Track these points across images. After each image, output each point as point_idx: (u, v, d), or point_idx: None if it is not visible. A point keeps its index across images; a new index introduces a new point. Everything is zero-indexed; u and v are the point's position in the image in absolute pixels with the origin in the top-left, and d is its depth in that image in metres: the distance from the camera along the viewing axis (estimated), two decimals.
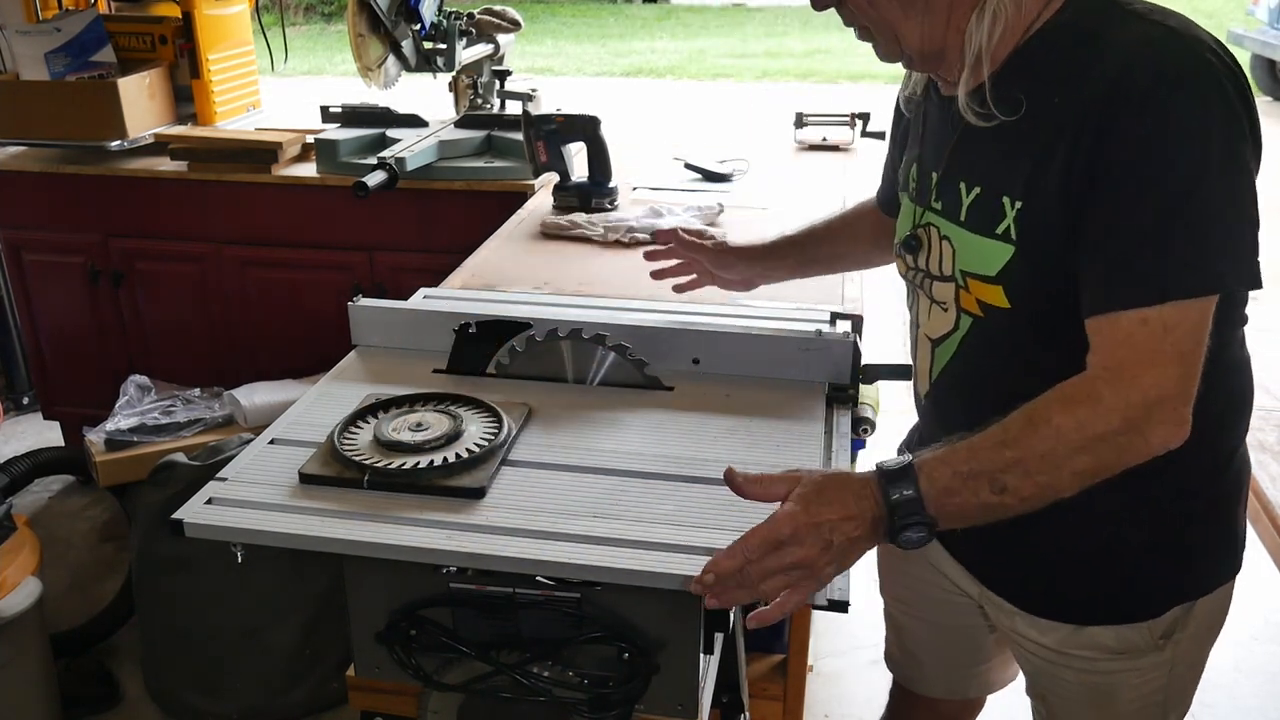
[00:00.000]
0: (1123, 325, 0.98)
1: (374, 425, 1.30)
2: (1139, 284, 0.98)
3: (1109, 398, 0.98)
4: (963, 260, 1.14)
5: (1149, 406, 0.97)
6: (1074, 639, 1.24)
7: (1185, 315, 0.97)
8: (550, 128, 2.35)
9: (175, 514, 1.16)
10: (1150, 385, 0.97)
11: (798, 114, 3.06)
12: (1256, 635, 2.57)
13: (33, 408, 3.65)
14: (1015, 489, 0.99)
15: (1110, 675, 1.25)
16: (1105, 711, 1.29)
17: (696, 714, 1.20)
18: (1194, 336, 0.97)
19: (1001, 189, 1.08)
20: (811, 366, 1.48)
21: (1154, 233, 0.97)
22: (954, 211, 1.15)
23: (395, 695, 1.29)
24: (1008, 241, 1.08)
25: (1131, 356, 0.98)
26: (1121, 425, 0.97)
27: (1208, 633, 1.28)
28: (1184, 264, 0.97)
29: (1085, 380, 1.00)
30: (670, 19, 14.95)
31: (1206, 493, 1.21)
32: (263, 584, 2.19)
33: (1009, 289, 1.09)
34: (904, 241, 1.25)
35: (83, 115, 2.89)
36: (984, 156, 1.11)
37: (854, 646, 2.55)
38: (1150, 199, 0.97)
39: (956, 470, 1.00)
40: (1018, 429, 1.00)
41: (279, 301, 2.97)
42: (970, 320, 1.17)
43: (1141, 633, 1.22)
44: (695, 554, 1.09)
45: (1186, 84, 0.96)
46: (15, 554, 2.10)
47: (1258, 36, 8.71)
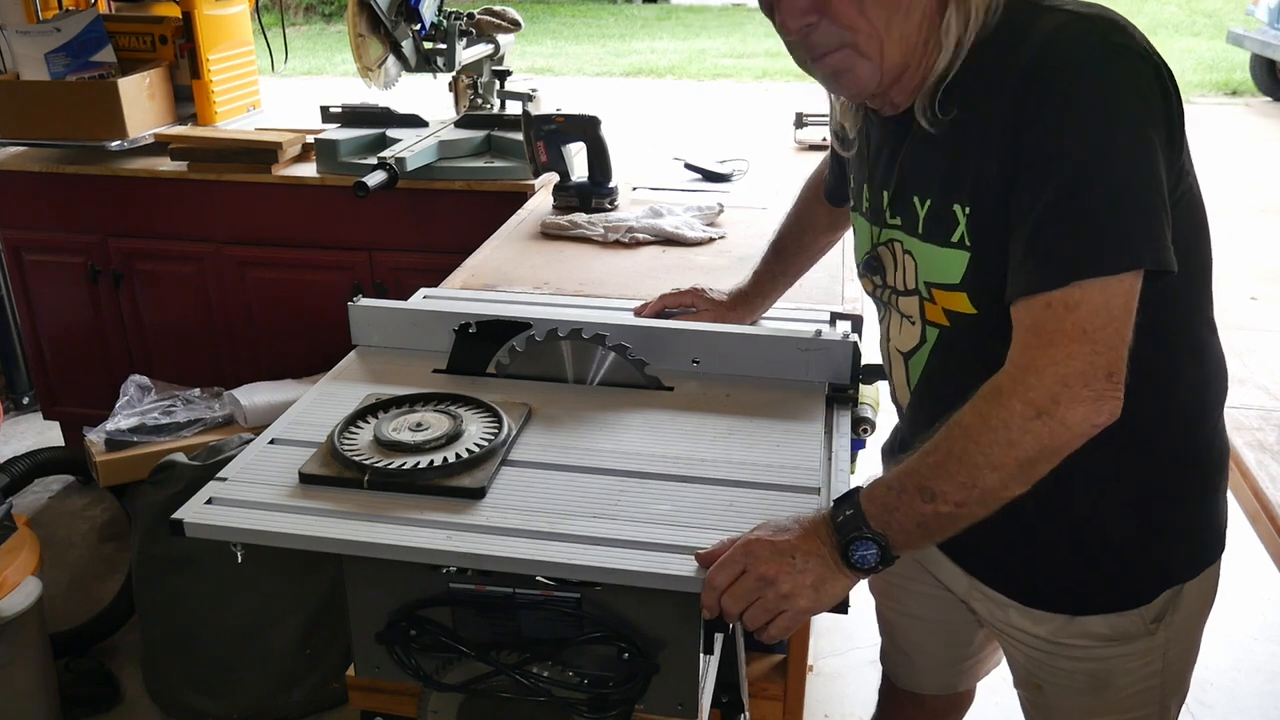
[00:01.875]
0: (1031, 311, 0.99)
1: (374, 425, 1.30)
2: (1040, 268, 0.99)
3: (1008, 387, 0.99)
4: (925, 272, 1.15)
5: (1053, 389, 0.97)
6: (1068, 629, 1.25)
7: (1087, 295, 0.96)
8: (550, 128, 2.35)
9: (175, 514, 1.16)
10: (1051, 368, 0.97)
11: (798, 114, 3.06)
12: (1256, 635, 2.57)
13: (33, 408, 3.66)
14: (943, 494, 1.00)
15: (1106, 661, 1.26)
16: (1104, 696, 1.30)
17: (696, 714, 1.20)
18: (1103, 315, 0.96)
19: (951, 197, 1.09)
20: (811, 367, 1.48)
21: (1056, 216, 0.98)
22: (912, 225, 1.16)
23: (395, 695, 1.29)
24: (963, 248, 1.09)
25: (1034, 342, 0.99)
26: (1025, 412, 0.98)
27: (1198, 614, 1.29)
28: (1084, 245, 0.97)
29: (995, 376, 1.01)
30: (670, 19, 14.95)
31: (1186, 480, 1.22)
32: (263, 584, 2.19)
33: (972, 295, 1.11)
34: (865, 263, 1.27)
35: (83, 115, 2.89)
36: (931, 168, 1.12)
37: (854, 646, 2.55)
38: (1052, 182, 0.98)
39: (890, 485, 1.02)
40: (938, 435, 1.02)
41: (279, 301, 2.97)
42: (936, 331, 1.18)
43: (1134, 619, 1.23)
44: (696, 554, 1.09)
45: (1089, 68, 0.98)
46: (15, 554, 2.10)
47: (1258, 36, 8.71)
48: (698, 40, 13.10)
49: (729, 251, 2.15)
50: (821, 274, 2.01)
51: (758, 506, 1.17)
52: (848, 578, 1.04)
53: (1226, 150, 7.61)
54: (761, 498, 1.19)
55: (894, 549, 1.02)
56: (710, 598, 1.04)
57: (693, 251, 2.16)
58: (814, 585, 1.03)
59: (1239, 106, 9.24)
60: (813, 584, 1.03)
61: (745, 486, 1.22)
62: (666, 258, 2.13)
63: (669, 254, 2.15)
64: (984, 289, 1.09)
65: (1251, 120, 8.72)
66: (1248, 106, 9.23)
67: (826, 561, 1.03)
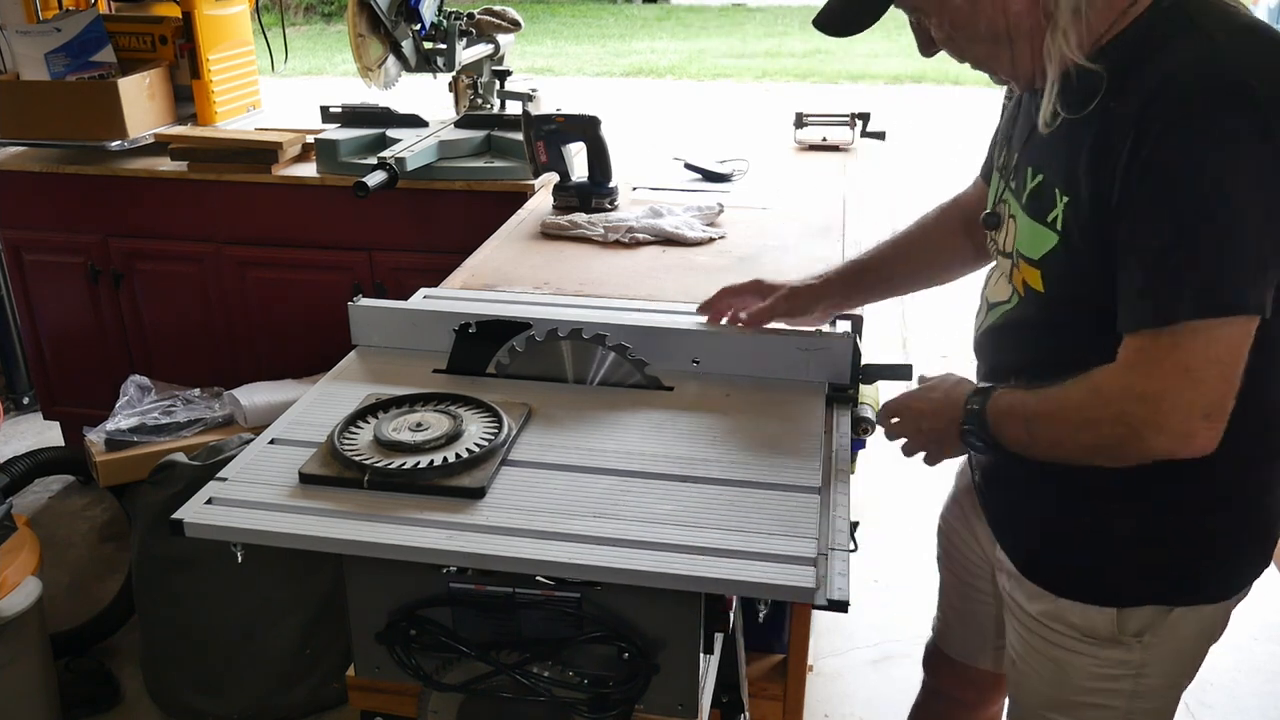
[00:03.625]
0: (1140, 338, 1.05)
1: (374, 425, 1.30)
2: (1153, 302, 1.03)
3: (1107, 389, 1.08)
4: (1019, 241, 1.22)
5: (1146, 413, 1.04)
6: (1050, 611, 1.29)
7: (1195, 335, 1.01)
8: (550, 128, 2.35)
9: (175, 514, 1.16)
10: (1145, 391, 1.04)
11: (798, 114, 3.05)
12: (1256, 635, 2.57)
13: (33, 408, 3.66)
14: (1036, 437, 1.16)
15: (1071, 655, 1.29)
16: (1060, 690, 1.32)
17: (696, 714, 1.20)
18: (1205, 356, 1.01)
19: (1055, 181, 1.14)
20: (811, 366, 1.49)
21: (1169, 255, 1.01)
22: (1020, 194, 1.22)
23: (395, 695, 1.29)
24: (1054, 231, 1.14)
25: (1138, 363, 1.05)
26: (1115, 421, 1.07)
27: (1189, 652, 1.28)
28: (1196, 287, 1.01)
29: (1104, 370, 1.09)
30: (670, 19, 14.95)
31: (1206, 503, 1.20)
32: (263, 584, 2.19)
33: (1045, 275, 1.17)
34: (986, 217, 1.33)
35: (83, 115, 2.89)
36: (1048, 148, 1.16)
37: (854, 646, 2.55)
38: (1168, 221, 1.01)
39: (1011, 404, 1.18)
40: (1054, 389, 1.13)
41: (279, 301, 2.97)
42: (1017, 300, 1.25)
43: (1104, 620, 1.25)
44: (695, 554, 1.09)
45: (1218, 114, 0.98)
46: (15, 554, 2.10)
47: None
48: (698, 40, 13.10)
49: (729, 251, 2.15)
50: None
51: (758, 506, 1.18)
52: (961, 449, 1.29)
53: None
54: (761, 498, 1.19)
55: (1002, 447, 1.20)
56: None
57: (693, 251, 2.16)
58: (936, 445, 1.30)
59: None
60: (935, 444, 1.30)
61: (745, 486, 1.22)
62: (666, 258, 2.13)
63: (669, 254, 2.15)
64: (1056, 275, 1.16)
65: None
66: None
67: (944, 434, 1.27)
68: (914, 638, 2.57)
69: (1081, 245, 1.11)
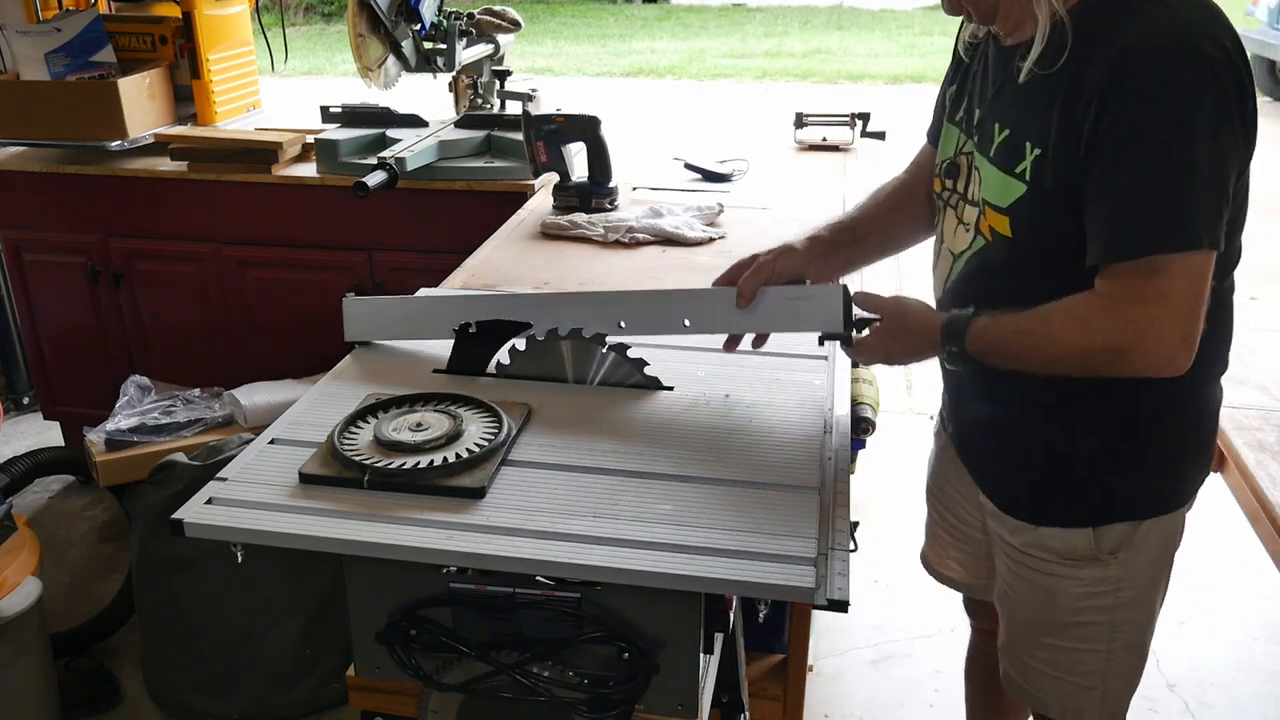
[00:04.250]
0: (1120, 271, 1.15)
1: (374, 425, 1.30)
2: (1129, 236, 1.14)
3: (1096, 321, 1.17)
4: (985, 190, 1.30)
5: (1132, 339, 1.15)
6: (1031, 539, 1.39)
7: (1169, 265, 1.13)
8: (550, 128, 2.35)
9: (175, 514, 1.16)
10: (1132, 319, 1.14)
11: (798, 114, 3.05)
12: (1256, 635, 2.57)
13: (33, 408, 3.65)
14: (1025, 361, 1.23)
15: (1054, 578, 1.39)
16: (1050, 615, 1.42)
17: (696, 714, 1.20)
18: (1180, 283, 1.13)
19: (1025, 135, 1.23)
20: (802, 318, 1.42)
21: (1143, 192, 1.13)
22: (986, 147, 1.30)
23: (395, 695, 1.29)
24: (1022, 181, 1.23)
25: (1123, 297, 1.15)
26: (1105, 345, 1.17)
27: (1156, 564, 1.40)
28: (1163, 221, 1.13)
29: (1086, 300, 1.18)
30: (670, 19, 14.95)
31: (1160, 422, 1.32)
32: (263, 584, 2.19)
33: (1013, 222, 1.26)
34: (945, 167, 1.41)
35: (83, 115, 2.89)
36: (1017, 104, 1.25)
37: (854, 646, 2.55)
38: (1139, 167, 1.12)
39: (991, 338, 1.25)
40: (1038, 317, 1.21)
41: (279, 301, 2.97)
42: (983, 242, 1.33)
43: (1084, 540, 1.35)
44: (695, 554, 1.09)
45: (1178, 68, 1.11)
46: (15, 554, 2.10)
47: (1258, 36, 8.71)
48: (698, 40, 13.10)
49: (729, 251, 2.15)
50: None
51: (758, 506, 1.18)
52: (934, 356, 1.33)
53: None
54: (761, 497, 1.19)
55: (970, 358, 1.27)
56: None
57: (693, 251, 2.16)
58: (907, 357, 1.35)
59: None
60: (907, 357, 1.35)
61: (745, 486, 1.22)
62: (666, 258, 2.13)
63: (669, 254, 2.15)
64: (1024, 221, 1.25)
65: None
66: None
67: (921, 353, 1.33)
68: (914, 637, 2.58)
69: (1050, 193, 1.20)
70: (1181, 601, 2.69)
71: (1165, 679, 2.42)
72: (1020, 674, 1.50)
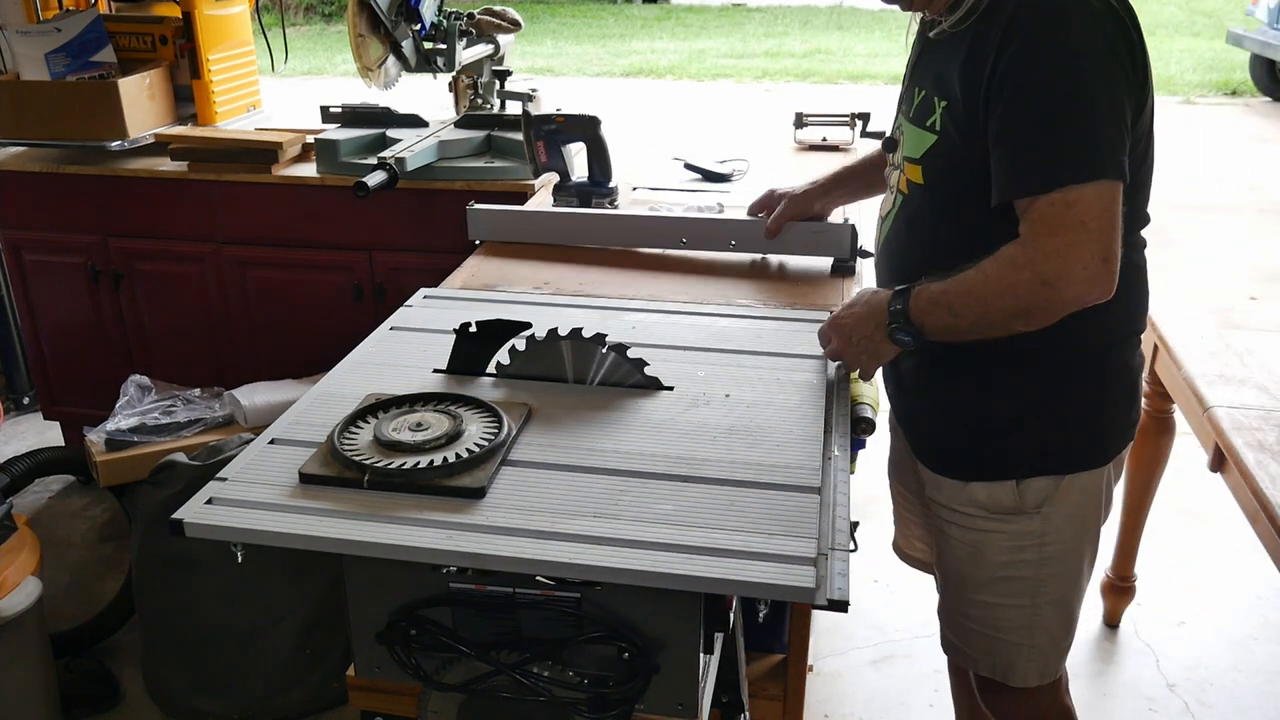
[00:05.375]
0: (1036, 206, 1.24)
1: (374, 425, 1.30)
2: (1039, 172, 1.23)
3: (1021, 256, 1.25)
4: (905, 148, 1.44)
5: (1058, 267, 1.22)
6: (960, 496, 1.49)
7: (1082, 194, 1.21)
8: (550, 128, 2.35)
9: (175, 514, 1.16)
10: (1054, 247, 1.22)
11: (798, 114, 3.05)
12: (1256, 635, 2.57)
13: (33, 408, 3.66)
14: (962, 314, 1.31)
15: (983, 534, 1.48)
16: (978, 568, 1.51)
17: (696, 714, 1.20)
18: (1095, 209, 1.21)
19: (935, 91, 1.36)
20: (820, 245, 1.99)
21: (1047, 133, 1.22)
22: (908, 110, 1.44)
23: (395, 695, 1.29)
24: (932, 132, 1.36)
25: (1042, 230, 1.23)
26: (1032, 278, 1.24)
27: (1080, 519, 1.47)
28: (1071, 156, 1.22)
29: (1013, 244, 1.26)
30: (670, 19, 14.95)
31: (1080, 379, 1.41)
32: (263, 584, 2.19)
33: (925, 169, 1.39)
34: (885, 142, 1.55)
35: (83, 115, 2.89)
36: (931, 66, 1.39)
37: (854, 646, 2.56)
38: (1041, 107, 1.22)
39: (931, 298, 1.33)
40: (970, 272, 1.30)
41: (279, 301, 2.97)
42: (900, 199, 1.46)
43: (1009, 491, 1.44)
44: (695, 554, 1.09)
45: (1067, 19, 1.21)
46: (15, 554, 2.10)
47: (1257, 36, 8.71)
48: (698, 40, 13.10)
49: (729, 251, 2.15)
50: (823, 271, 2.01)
51: (758, 506, 1.18)
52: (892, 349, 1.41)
53: (1226, 150, 7.61)
54: (761, 498, 1.19)
55: (926, 337, 1.35)
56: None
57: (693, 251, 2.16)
58: (869, 355, 1.43)
59: (1239, 106, 9.24)
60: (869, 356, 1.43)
61: (745, 486, 1.22)
62: (667, 257, 2.12)
63: (669, 253, 2.15)
64: (933, 167, 1.38)
65: (1251, 120, 8.72)
66: (1248, 106, 9.23)
67: (874, 338, 1.41)
68: (914, 637, 2.58)
69: (955, 140, 1.32)
70: (1181, 601, 2.70)
71: (1165, 679, 2.42)
72: (954, 633, 1.60)
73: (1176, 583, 2.76)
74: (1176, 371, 2.13)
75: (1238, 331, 2.27)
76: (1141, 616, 2.63)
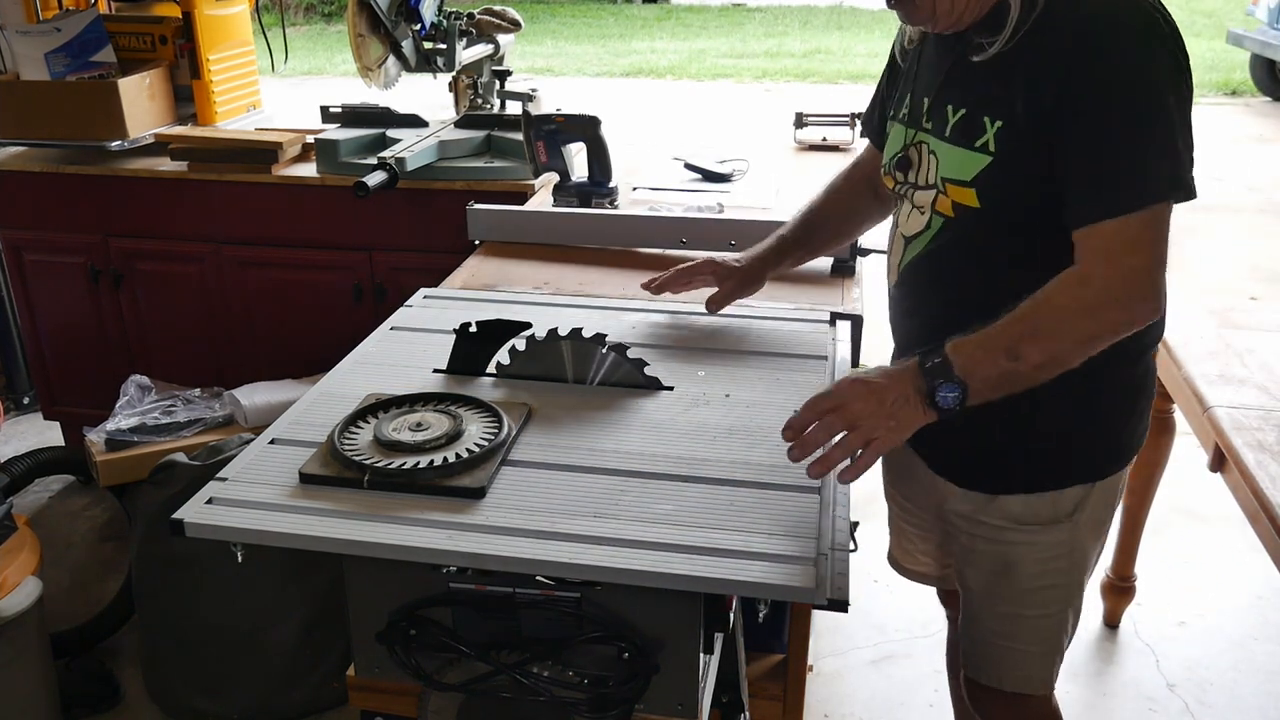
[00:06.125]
0: (1109, 226, 1.19)
1: (374, 425, 1.30)
2: (1116, 194, 1.19)
3: (1099, 279, 1.20)
4: (944, 169, 1.34)
5: (1128, 284, 1.20)
6: (987, 508, 1.42)
7: (1156, 215, 1.18)
8: (550, 128, 2.35)
9: (175, 514, 1.16)
10: (1131, 267, 1.19)
11: (798, 114, 3.06)
12: (1256, 635, 2.57)
13: (33, 408, 3.65)
14: (1026, 356, 1.20)
15: (1014, 546, 1.43)
16: (1009, 582, 1.45)
17: (696, 714, 1.20)
18: (1164, 232, 1.19)
19: (983, 110, 1.28)
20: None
21: (1120, 152, 1.19)
22: (941, 129, 1.35)
23: (395, 695, 1.29)
24: (985, 153, 1.28)
25: (1116, 247, 1.19)
26: (1107, 299, 1.20)
27: (1099, 519, 1.45)
28: (1154, 177, 1.18)
29: (1078, 268, 1.21)
30: (670, 19, 14.94)
31: (1119, 384, 1.39)
32: (263, 584, 2.19)
33: (980, 191, 1.29)
34: (896, 161, 1.44)
35: (83, 115, 2.89)
36: (969, 84, 1.31)
37: (854, 646, 2.55)
38: (1120, 126, 1.18)
39: (979, 344, 1.21)
40: (1026, 308, 1.22)
41: (279, 301, 2.97)
42: (941, 221, 1.36)
43: (1046, 503, 1.40)
44: (695, 554, 1.09)
45: (1138, 38, 1.18)
46: (15, 554, 2.10)
47: (1258, 36, 8.71)
48: (698, 40, 13.10)
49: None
50: (823, 271, 2.01)
51: (758, 506, 1.18)
52: (927, 417, 1.21)
53: (1226, 150, 7.61)
54: (761, 497, 1.19)
55: (971, 396, 1.20)
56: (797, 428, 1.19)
57: (693, 251, 2.16)
58: (897, 425, 1.20)
59: (1239, 106, 9.24)
60: (896, 424, 1.19)
61: (745, 486, 1.22)
62: (667, 257, 2.12)
63: (669, 253, 2.15)
64: (992, 189, 1.28)
65: (1251, 120, 8.72)
66: (1248, 106, 9.23)
67: (911, 401, 1.20)
68: (914, 637, 2.58)
69: (1017, 161, 1.25)
70: (1181, 601, 2.70)
71: (1165, 679, 2.42)
72: (980, 649, 1.54)
73: (1176, 583, 2.76)
74: (1176, 371, 2.13)
75: (1238, 331, 2.27)
76: (1141, 616, 2.63)
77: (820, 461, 1.18)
